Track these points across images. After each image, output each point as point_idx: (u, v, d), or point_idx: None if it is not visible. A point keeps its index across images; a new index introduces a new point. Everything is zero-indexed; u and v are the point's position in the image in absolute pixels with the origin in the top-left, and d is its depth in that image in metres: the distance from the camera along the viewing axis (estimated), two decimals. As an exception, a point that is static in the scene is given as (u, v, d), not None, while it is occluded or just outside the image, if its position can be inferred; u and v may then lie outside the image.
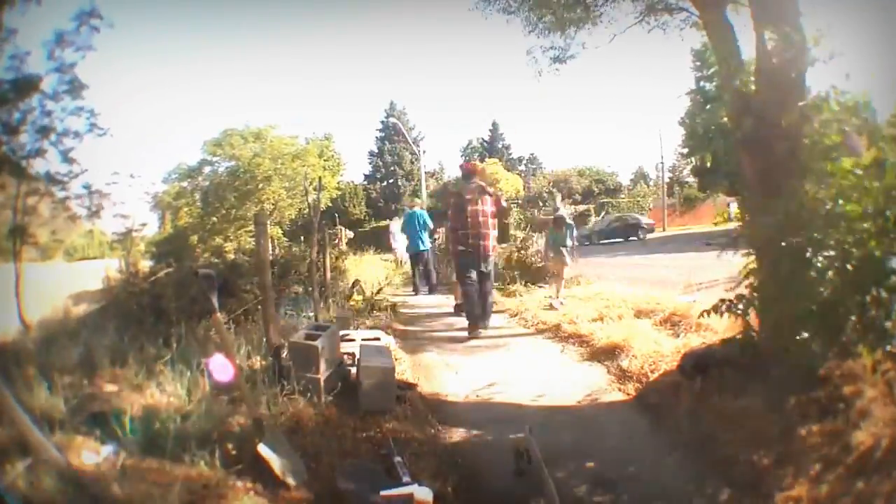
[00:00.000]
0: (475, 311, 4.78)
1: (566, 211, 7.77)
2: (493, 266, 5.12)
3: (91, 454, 2.11)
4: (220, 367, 2.85)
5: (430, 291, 8.02)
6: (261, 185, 6.95)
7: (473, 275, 4.81)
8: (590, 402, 3.03)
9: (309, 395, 2.73)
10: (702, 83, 15.68)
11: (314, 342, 2.91)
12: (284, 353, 3.01)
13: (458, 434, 2.74)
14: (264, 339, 3.13)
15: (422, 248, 8.00)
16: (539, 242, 7.51)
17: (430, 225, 8.15)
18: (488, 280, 4.99)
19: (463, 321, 5.04)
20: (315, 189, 5.78)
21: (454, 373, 3.78)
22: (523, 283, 6.89)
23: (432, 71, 63.35)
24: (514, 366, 3.89)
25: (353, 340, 3.70)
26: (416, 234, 7.94)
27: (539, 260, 7.19)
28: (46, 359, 3.03)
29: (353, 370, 3.19)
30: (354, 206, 33.24)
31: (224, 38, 54.91)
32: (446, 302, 6.83)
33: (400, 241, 9.47)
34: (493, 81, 66.28)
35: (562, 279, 5.88)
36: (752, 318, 2.47)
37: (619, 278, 6.80)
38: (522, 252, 7.65)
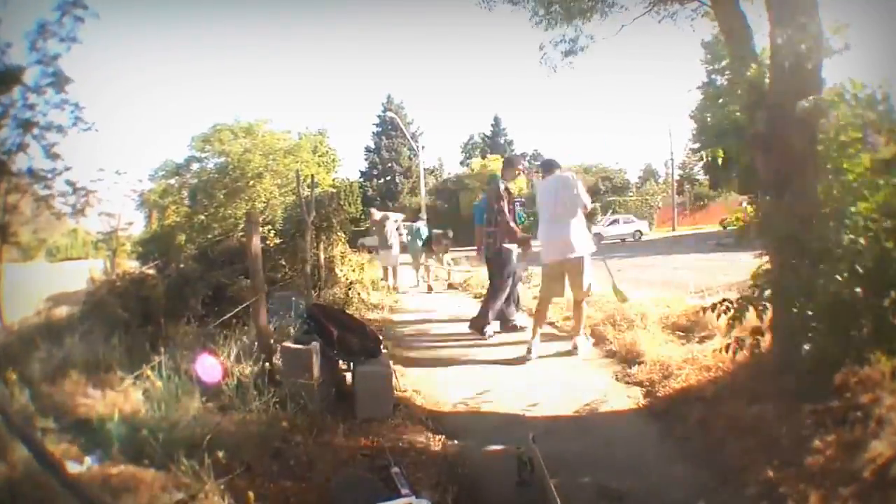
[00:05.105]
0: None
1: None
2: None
3: (75, 462, 2.02)
4: (208, 369, 2.75)
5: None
6: (251, 182, 6.78)
7: None
8: (596, 408, 2.94)
9: (302, 401, 2.62)
10: (713, 76, 15.59)
11: (308, 346, 2.81)
12: (277, 358, 2.91)
13: (458, 442, 2.64)
14: (255, 343, 3.02)
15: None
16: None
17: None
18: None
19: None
20: (309, 186, 5.66)
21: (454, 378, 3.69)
22: None
23: (431, 65, 62.88)
24: (513, 369, 3.80)
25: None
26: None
27: None
28: (28, 363, 2.93)
29: (349, 376, 3.08)
30: (350, 204, 33.02)
31: (218, 32, 54.32)
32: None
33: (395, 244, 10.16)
34: (495, 77, 65.78)
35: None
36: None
37: (623, 280, 6.63)
38: None
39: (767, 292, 2.29)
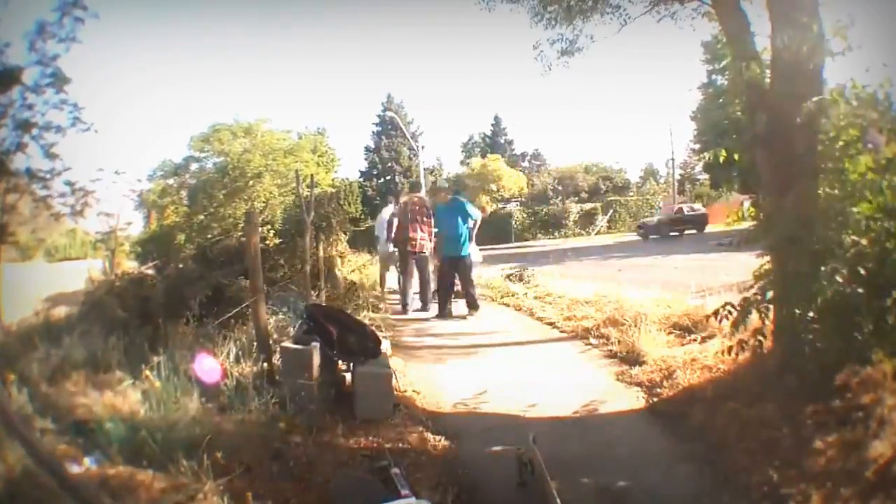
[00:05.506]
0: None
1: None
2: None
3: (74, 463, 2.01)
4: (207, 370, 2.75)
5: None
6: (251, 182, 6.74)
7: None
8: (596, 409, 2.93)
9: (302, 402, 2.61)
10: (713, 76, 15.54)
11: (308, 346, 2.80)
12: (276, 358, 2.90)
13: (458, 443, 2.63)
14: (255, 343, 3.01)
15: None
16: None
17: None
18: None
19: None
20: (308, 186, 5.65)
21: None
22: None
23: (431, 65, 62.55)
24: (514, 370, 3.79)
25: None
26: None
27: None
28: (26, 363, 2.91)
29: (349, 376, 3.07)
30: (350, 204, 32.95)
31: (218, 32, 54.23)
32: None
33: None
34: (495, 77, 65.34)
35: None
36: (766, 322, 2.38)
37: (624, 280, 6.62)
38: None
39: (769, 294, 2.28)
